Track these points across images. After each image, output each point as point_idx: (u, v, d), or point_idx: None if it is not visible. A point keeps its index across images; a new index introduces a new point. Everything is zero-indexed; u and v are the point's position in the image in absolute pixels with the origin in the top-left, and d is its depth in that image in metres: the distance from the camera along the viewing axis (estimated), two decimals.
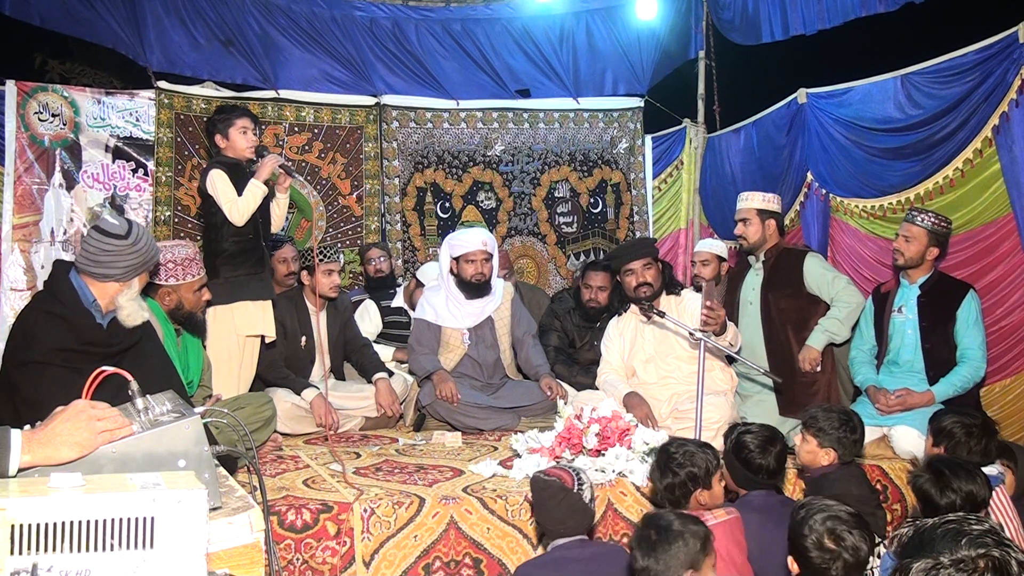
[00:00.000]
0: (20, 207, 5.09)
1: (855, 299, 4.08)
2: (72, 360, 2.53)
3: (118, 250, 2.55)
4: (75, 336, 2.57)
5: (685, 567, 2.00)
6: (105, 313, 2.65)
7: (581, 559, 2.35)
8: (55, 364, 2.53)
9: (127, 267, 2.59)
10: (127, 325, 2.66)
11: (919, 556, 1.18)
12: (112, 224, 2.58)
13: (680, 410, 3.85)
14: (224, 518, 1.56)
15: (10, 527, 1.22)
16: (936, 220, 3.83)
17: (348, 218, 6.03)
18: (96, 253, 2.56)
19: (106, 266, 2.57)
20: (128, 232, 2.57)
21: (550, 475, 2.48)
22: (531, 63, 6.32)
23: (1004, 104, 3.93)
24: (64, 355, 2.54)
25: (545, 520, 2.48)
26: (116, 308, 2.64)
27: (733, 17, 5.69)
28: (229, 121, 3.93)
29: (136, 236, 2.58)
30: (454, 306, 4.51)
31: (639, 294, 4.00)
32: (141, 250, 2.60)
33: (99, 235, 2.57)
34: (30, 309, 2.70)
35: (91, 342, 2.59)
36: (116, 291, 2.61)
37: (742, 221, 4.32)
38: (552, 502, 2.42)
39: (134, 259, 2.59)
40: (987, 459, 2.86)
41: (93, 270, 2.58)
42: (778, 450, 2.78)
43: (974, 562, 1.14)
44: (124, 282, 2.61)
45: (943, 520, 1.22)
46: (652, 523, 2.10)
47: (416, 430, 4.40)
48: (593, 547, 2.45)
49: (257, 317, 3.96)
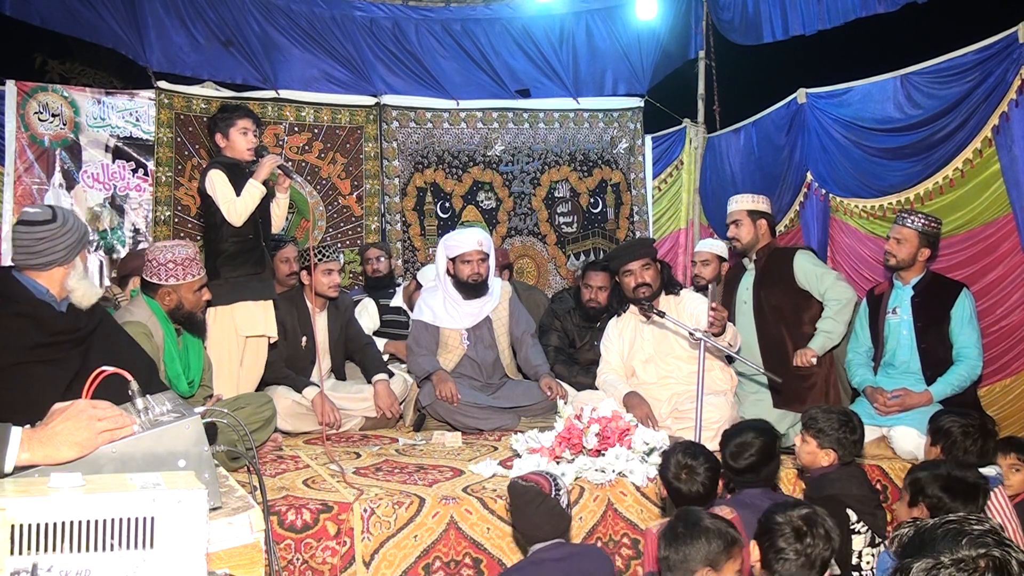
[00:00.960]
0: (20, 207, 5.09)
1: (845, 294, 4.07)
2: (47, 354, 2.54)
3: (51, 234, 2.55)
4: (43, 329, 2.57)
5: (703, 564, 2.01)
6: (60, 301, 2.66)
7: (558, 558, 2.39)
8: (32, 362, 2.53)
9: (65, 248, 2.58)
10: (84, 306, 2.66)
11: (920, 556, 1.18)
12: (35, 213, 2.59)
13: (680, 410, 3.85)
14: (224, 518, 1.56)
15: (10, 527, 1.22)
16: (926, 221, 3.83)
17: (348, 218, 6.03)
18: (31, 244, 2.56)
19: (44, 254, 2.56)
20: (54, 215, 2.57)
21: (528, 480, 2.51)
22: (531, 63, 6.33)
23: (1004, 104, 3.93)
24: (39, 351, 2.54)
25: (523, 525, 2.51)
26: (69, 292, 2.64)
27: (733, 17, 5.70)
28: (230, 121, 3.93)
29: (63, 218, 2.58)
30: (452, 307, 4.51)
31: (638, 294, 4.00)
32: (72, 228, 2.59)
33: (27, 227, 2.56)
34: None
35: (59, 331, 2.60)
36: (63, 275, 2.61)
37: (734, 223, 4.33)
38: (530, 508, 2.45)
39: (69, 239, 2.58)
40: (984, 459, 2.86)
41: (34, 262, 2.57)
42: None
43: (975, 562, 1.14)
44: (67, 264, 2.61)
45: (943, 520, 1.23)
46: (683, 516, 2.13)
47: (416, 430, 4.40)
48: (570, 547, 2.49)
49: (258, 317, 3.96)
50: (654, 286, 4.02)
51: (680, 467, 2.61)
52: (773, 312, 4.19)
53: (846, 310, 4.06)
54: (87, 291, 2.65)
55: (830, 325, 4.06)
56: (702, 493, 2.59)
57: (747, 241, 4.29)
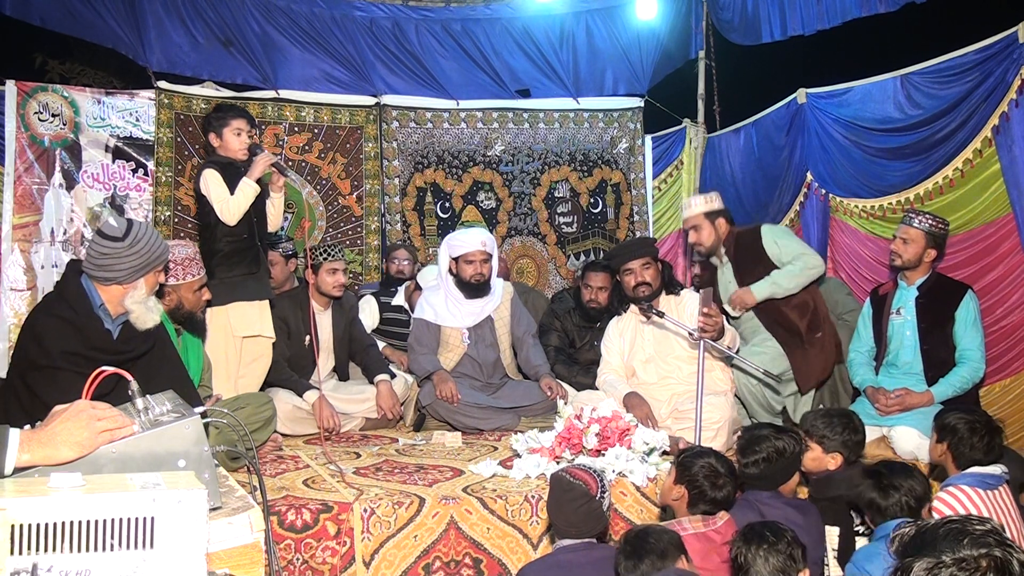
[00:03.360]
0: (20, 207, 5.09)
1: (812, 260, 4.09)
2: (80, 365, 2.51)
3: (115, 252, 2.54)
4: (82, 341, 2.55)
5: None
6: (115, 317, 2.63)
7: (586, 563, 2.32)
8: (65, 368, 2.52)
9: (127, 269, 2.57)
10: (139, 328, 2.64)
11: (921, 555, 1.18)
12: (111, 227, 2.57)
13: (680, 410, 3.85)
14: (224, 518, 1.56)
15: (10, 527, 1.22)
16: (934, 222, 3.82)
17: (348, 218, 6.03)
18: (96, 257, 2.56)
19: (106, 269, 2.56)
20: (126, 234, 2.56)
21: (576, 477, 2.42)
22: (531, 63, 6.32)
23: (1004, 104, 3.93)
24: (73, 359, 2.53)
25: (558, 519, 2.44)
26: (126, 311, 2.63)
27: (732, 17, 5.70)
28: (224, 121, 3.93)
29: (135, 237, 2.57)
30: (453, 305, 4.51)
31: (638, 294, 4.00)
32: (141, 251, 2.58)
33: (99, 238, 2.57)
34: (39, 312, 2.69)
35: (99, 347, 2.57)
36: (121, 294, 2.60)
37: (692, 229, 4.31)
38: (572, 505, 2.38)
39: (133, 260, 2.57)
40: (990, 456, 2.86)
41: (96, 273, 2.58)
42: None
43: (976, 562, 1.14)
44: (127, 284, 2.60)
45: (945, 520, 1.23)
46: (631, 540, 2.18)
47: (416, 430, 4.40)
48: (599, 550, 2.40)
49: (254, 317, 3.95)
50: (654, 285, 4.02)
51: (715, 473, 2.59)
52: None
53: (805, 273, 4.06)
54: (142, 315, 2.63)
55: (780, 276, 4.05)
56: (728, 497, 2.60)
57: (710, 244, 4.28)
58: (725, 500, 2.57)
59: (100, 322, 2.59)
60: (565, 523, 2.42)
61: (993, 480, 2.78)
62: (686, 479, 2.61)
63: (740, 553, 2.10)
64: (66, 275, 2.68)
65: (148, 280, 2.65)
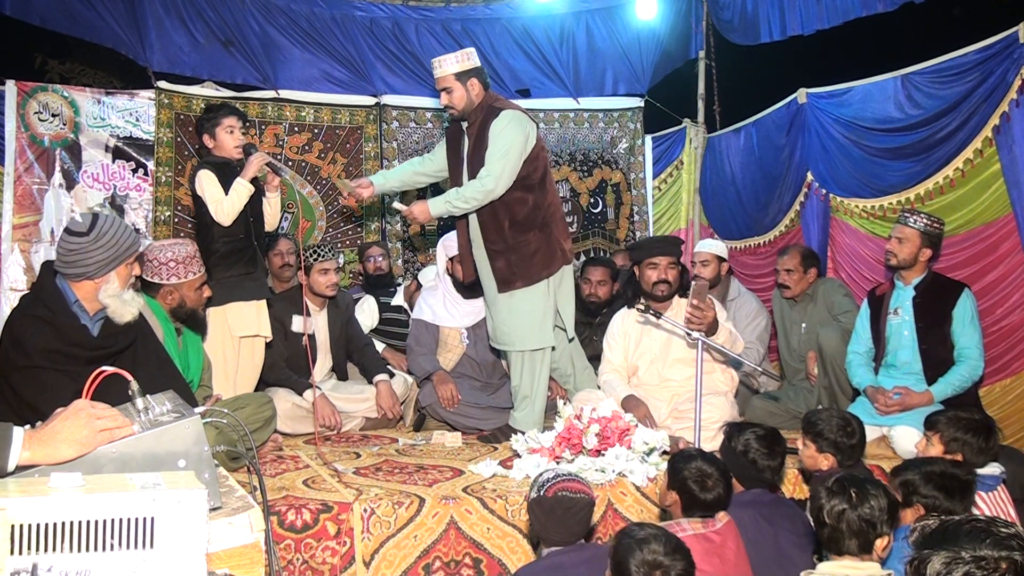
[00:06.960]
0: (20, 207, 5.10)
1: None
2: (60, 362, 2.52)
3: (81, 247, 2.52)
4: (60, 338, 2.54)
5: None
6: (93, 314, 2.62)
7: (579, 563, 2.33)
8: (45, 367, 2.51)
9: (95, 263, 2.54)
10: (118, 322, 2.63)
11: (940, 548, 1.17)
12: (76, 222, 2.56)
13: (680, 410, 3.84)
14: (224, 518, 1.56)
15: (10, 527, 1.22)
16: (929, 221, 3.83)
17: (348, 218, 6.03)
18: (64, 253, 2.54)
19: (75, 265, 2.54)
20: (90, 228, 2.52)
21: (575, 491, 2.43)
22: (531, 63, 6.32)
23: (1004, 104, 3.93)
24: (52, 357, 2.52)
25: (558, 534, 2.42)
26: (103, 307, 2.62)
27: (732, 17, 5.69)
28: (216, 120, 3.93)
29: (99, 231, 2.53)
30: (451, 305, 4.51)
31: (656, 291, 3.95)
32: (107, 244, 2.54)
33: (65, 235, 2.55)
34: (16, 313, 2.67)
35: (77, 344, 2.57)
36: (94, 289, 2.58)
37: (444, 91, 3.95)
38: (576, 517, 2.40)
39: (101, 254, 2.53)
40: (985, 456, 2.85)
41: (66, 271, 2.56)
42: (782, 450, 2.78)
43: (996, 563, 1.13)
44: (98, 278, 2.57)
45: (970, 518, 1.22)
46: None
47: (416, 430, 4.40)
48: (589, 550, 2.42)
49: (251, 317, 3.94)
50: (674, 286, 3.99)
51: (703, 475, 2.53)
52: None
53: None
54: (119, 309, 2.60)
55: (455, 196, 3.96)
56: (720, 498, 2.55)
57: (462, 107, 3.97)
58: (717, 501, 2.51)
59: (76, 319, 2.58)
60: (567, 535, 2.41)
61: (991, 481, 2.77)
62: (676, 484, 2.59)
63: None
64: (41, 275, 2.66)
65: (120, 273, 2.60)
